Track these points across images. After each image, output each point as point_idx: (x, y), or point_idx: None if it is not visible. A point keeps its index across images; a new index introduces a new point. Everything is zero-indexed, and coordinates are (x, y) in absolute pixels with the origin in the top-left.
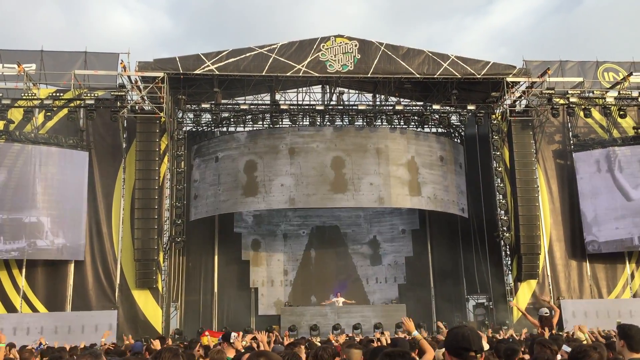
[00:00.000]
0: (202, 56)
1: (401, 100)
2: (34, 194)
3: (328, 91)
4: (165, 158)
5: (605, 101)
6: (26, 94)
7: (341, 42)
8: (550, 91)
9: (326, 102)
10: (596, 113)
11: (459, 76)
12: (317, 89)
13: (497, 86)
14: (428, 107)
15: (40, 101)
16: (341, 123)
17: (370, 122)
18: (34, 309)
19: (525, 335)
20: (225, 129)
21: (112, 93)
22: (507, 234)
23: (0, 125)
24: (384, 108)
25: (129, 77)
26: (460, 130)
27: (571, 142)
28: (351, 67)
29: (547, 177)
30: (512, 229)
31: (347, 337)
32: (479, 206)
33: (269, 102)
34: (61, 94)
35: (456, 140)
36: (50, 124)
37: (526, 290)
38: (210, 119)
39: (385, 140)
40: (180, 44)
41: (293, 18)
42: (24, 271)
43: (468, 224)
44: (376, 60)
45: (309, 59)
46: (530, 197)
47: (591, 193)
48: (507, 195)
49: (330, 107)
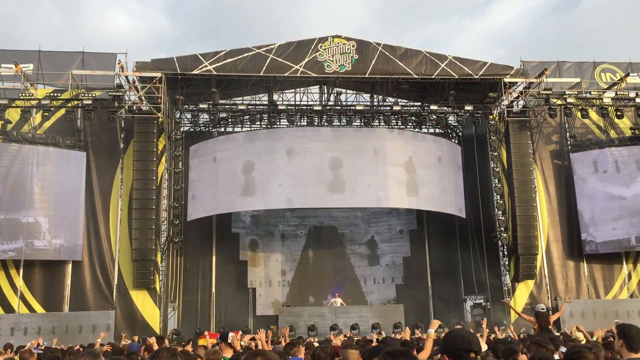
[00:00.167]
0: (200, 56)
1: (399, 100)
2: (32, 194)
3: (326, 91)
4: (162, 158)
5: (602, 102)
6: (23, 94)
7: (339, 43)
8: (547, 92)
9: (324, 103)
10: (593, 114)
11: (457, 77)
12: (315, 90)
13: (495, 87)
14: (426, 108)
15: (37, 101)
16: (339, 123)
17: (368, 123)
18: (32, 309)
19: (522, 334)
20: (223, 130)
21: (110, 93)
22: (505, 234)
23: None
24: (382, 108)
25: (127, 77)
26: (457, 130)
27: (568, 143)
28: (349, 68)
29: (545, 178)
30: (510, 229)
31: (345, 337)
32: (477, 206)
33: (267, 103)
34: (59, 94)
35: (454, 140)
36: (47, 124)
37: (524, 290)
38: (208, 119)
39: (383, 140)
40: (178, 44)
41: (291, 18)
42: (22, 271)
43: (466, 225)
44: (374, 60)
45: (307, 60)
46: (527, 198)
47: (588, 193)
48: (505, 195)
49: (328, 108)
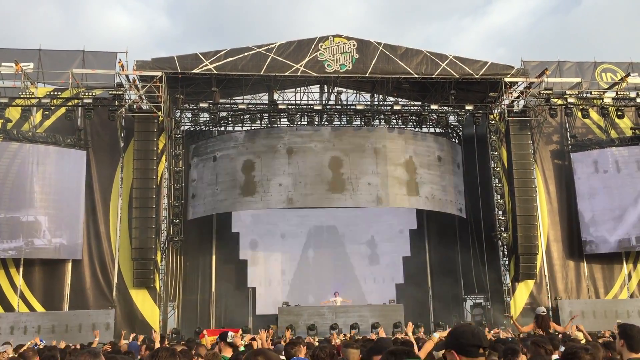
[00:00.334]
0: (200, 55)
1: (399, 100)
2: (32, 193)
3: (326, 91)
4: (163, 157)
5: (603, 102)
6: (24, 93)
7: (339, 42)
8: (548, 91)
9: (324, 102)
10: (594, 113)
11: (457, 76)
12: (315, 89)
13: (495, 86)
14: (426, 107)
15: (38, 100)
16: (339, 123)
17: (368, 122)
18: (31, 308)
19: (523, 334)
20: (223, 129)
21: (110, 92)
22: (505, 234)
23: None
24: (382, 108)
25: (127, 76)
26: (458, 130)
27: (569, 143)
28: (349, 67)
29: (545, 178)
30: (510, 229)
31: (345, 337)
32: (477, 206)
33: (267, 102)
34: (59, 93)
35: (454, 140)
36: (47, 123)
37: (524, 290)
38: (208, 119)
39: (383, 140)
40: (178, 44)
41: (291, 18)
42: (22, 270)
43: (466, 224)
44: (374, 60)
45: (307, 59)
46: (527, 198)
47: (589, 193)
48: (505, 195)
49: (328, 107)
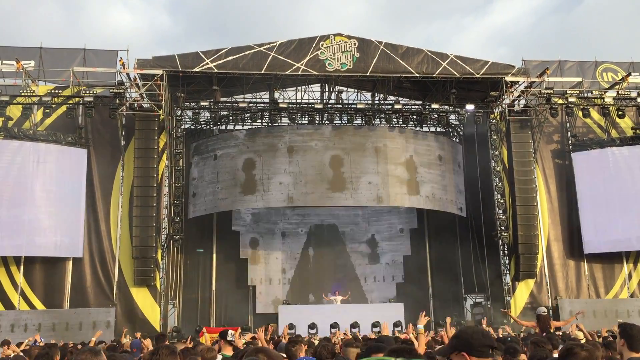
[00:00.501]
0: (201, 54)
1: (400, 99)
2: (33, 191)
3: (327, 90)
4: (163, 156)
5: (603, 101)
6: (25, 91)
7: (340, 41)
8: (549, 91)
9: (325, 101)
10: (595, 113)
11: (458, 75)
12: (316, 88)
13: (496, 86)
14: (427, 106)
15: (38, 98)
16: (340, 122)
17: (369, 121)
18: (32, 306)
19: (523, 333)
20: (224, 127)
21: (111, 90)
22: (505, 234)
23: None
24: (383, 107)
25: (128, 75)
26: (458, 129)
27: (569, 142)
28: (350, 66)
29: (546, 177)
30: (510, 229)
31: (345, 335)
32: (477, 205)
33: (268, 101)
34: (60, 91)
35: (455, 139)
36: (48, 121)
37: (524, 289)
38: (209, 117)
39: (383, 139)
40: (179, 42)
41: (292, 16)
42: (22, 268)
43: (466, 223)
44: (375, 59)
45: (308, 58)
46: (528, 197)
47: (589, 193)
48: (506, 194)
49: (329, 106)
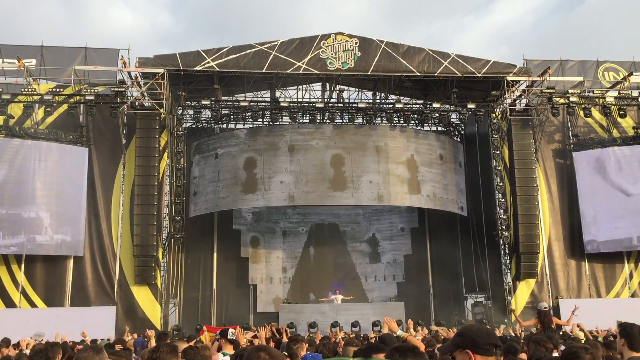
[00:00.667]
0: (203, 53)
1: (401, 98)
2: (34, 190)
3: (328, 89)
4: (164, 154)
5: (605, 101)
6: (26, 89)
7: (341, 40)
8: (550, 90)
9: (326, 100)
10: (596, 113)
11: (459, 75)
12: (317, 87)
13: (498, 85)
14: (428, 106)
15: (40, 96)
16: (341, 121)
17: (370, 120)
18: (33, 305)
19: (523, 332)
20: (225, 126)
21: (112, 89)
22: (506, 233)
23: (0, 120)
24: (384, 106)
25: (129, 73)
26: (460, 128)
27: (571, 142)
28: (351, 65)
29: (547, 177)
30: (511, 228)
31: (346, 334)
32: (478, 205)
33: (269, 99)
34: (61, 90)
35: (456, 138)
36: (50, 120)
37: (525, 289)
38: (210, 116)
39: (385, 138)
40: (180, 41)
41: (293, 15)
42: (23, 266)
43: (467, 223)
44: (376, 58)
45: (309, 57)
46: (529, 196)
47: (590, 193)
48: (507, 194)
49: (330, 105)
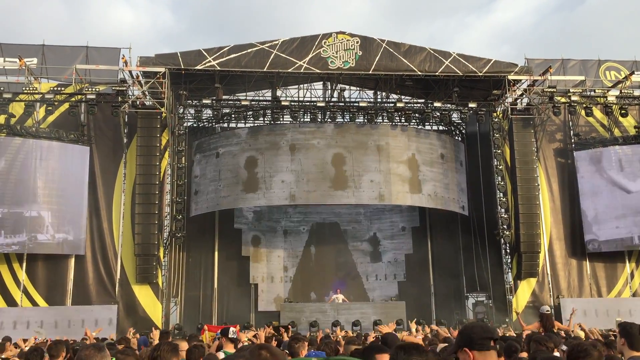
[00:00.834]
0: (204, 52)
1: (402, 97)
2: (35, 188)
3: (329, 88)
4: (166, 153)
5: (606, 100)
6: (27, 88)
7: (343, 39)
8: (551, 89)
9: (327, 99)
10: (597, 112)
11: (461, 74)
12: (319, 86)
13: (499, 84)
14: (429, 105)
15: (41, 95)
16: (342, 120)
17: (371, 119)
18: (34, 303)
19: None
20: (226, 125)
21: (114, 88)
22: (507, 232)
23: (1, 119)
24: (385, 105)
25: (131, 72)
26: (461, 128)
27: (572, 141)
28: (352, 64)
29: (548, 176)
30: (513, 227)
31: (347, 334)
32: (480, 204)
33: (270, 99)
34: (62, 89)
35: (457, 137)
36: (51, 119)
37: (526, 288)
38: (211, 115)
39: (386, 137)
40: (182, 40)
41: (295, 14)
42: (25, 265)
43: (468, 222)
44: (377, 57)
45: (311, 56)
46: (530, 196)
47: (592, 192)
48: (508, 193)
49: (331, 104)
